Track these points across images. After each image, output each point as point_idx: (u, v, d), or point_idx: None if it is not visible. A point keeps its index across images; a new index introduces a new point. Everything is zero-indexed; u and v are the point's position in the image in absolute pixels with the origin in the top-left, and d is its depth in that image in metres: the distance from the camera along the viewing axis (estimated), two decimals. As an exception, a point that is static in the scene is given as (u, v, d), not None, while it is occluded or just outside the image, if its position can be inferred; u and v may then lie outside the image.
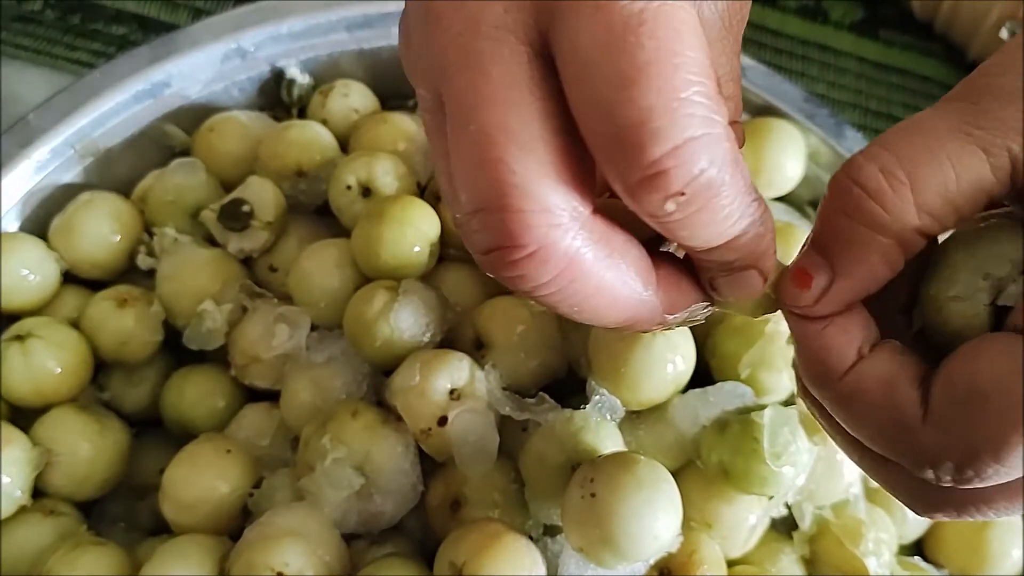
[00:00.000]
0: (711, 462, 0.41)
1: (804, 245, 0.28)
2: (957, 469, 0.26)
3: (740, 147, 0.27)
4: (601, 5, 0.23)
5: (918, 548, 0.48)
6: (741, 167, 0.25)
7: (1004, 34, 0.65)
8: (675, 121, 0.23)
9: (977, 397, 0.25)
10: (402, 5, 0.33)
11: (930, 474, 0.26)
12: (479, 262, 0.27)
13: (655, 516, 0.36)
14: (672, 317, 0.29)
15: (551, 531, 0.41)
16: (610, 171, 0.24)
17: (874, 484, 0.45)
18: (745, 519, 0.42)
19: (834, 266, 0.27)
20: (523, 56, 0.25)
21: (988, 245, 0.27)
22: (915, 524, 0.47)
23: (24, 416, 0.45)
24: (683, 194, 0.24)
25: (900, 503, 0.44)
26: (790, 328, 0.29)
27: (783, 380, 0.44)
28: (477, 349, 0.43)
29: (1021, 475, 0.26)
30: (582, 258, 0.26)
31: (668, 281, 0.29)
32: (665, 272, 0.29)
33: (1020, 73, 0.26)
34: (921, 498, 0.29)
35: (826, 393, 0.28)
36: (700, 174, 0.24)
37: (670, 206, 0.24)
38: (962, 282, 0.27)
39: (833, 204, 0.27)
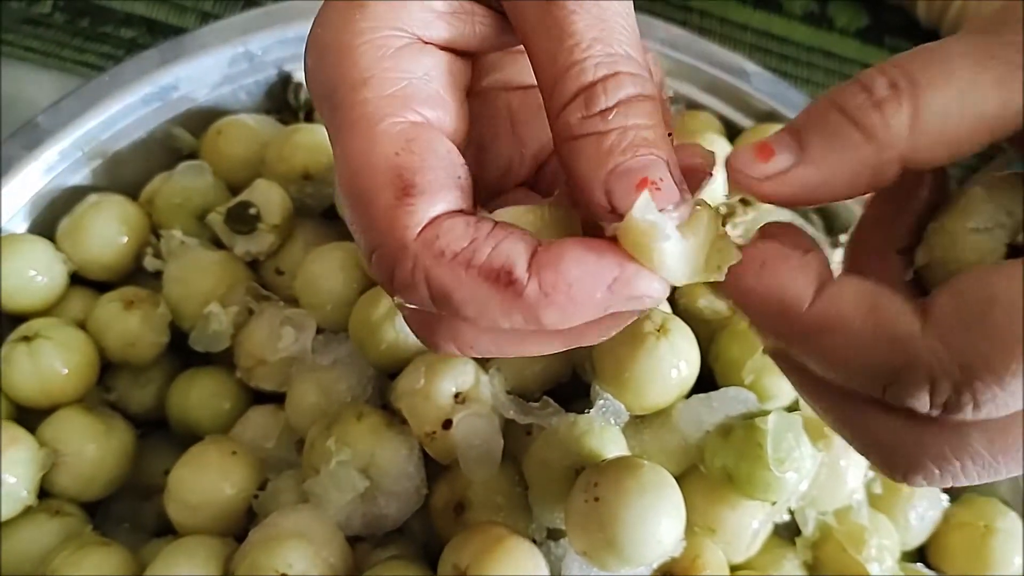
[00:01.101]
0: (715, 467, 0.41)
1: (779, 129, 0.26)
2: (955, 389, 0.24)
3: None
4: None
5: (921, 555, 0.48)
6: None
7: (1009, 42, 0.65)
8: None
9: (992, 307, 0.23)
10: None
11: (923, 399, 0.24)
12: None
13: (658, 520, 0.36)
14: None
15: (554, 535, 0.41)
16: None
17: (878, 490, 0.45)
18: (748, 524, 0.42)
19: (804, 149, 0.25)
20: None
21: (1011, 188, 0.26)
22: (918, 530, 0.47)
23: (31, 416, 0.45)
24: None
25: (900, 513, 0.45)
26: (725, 289, 0.26)
27: (787, 386, 0.44)
28: (482, 353, 0.44)
29: (1015, 409, 0.24)
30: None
31: (554, 253, 0.25)
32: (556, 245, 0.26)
33: None
34: (900, 449, 0.27)
35: (791, 330, 0.26)
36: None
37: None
38: (985, 214, 0.26)
39: (831, 98, 0.25)
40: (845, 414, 0.28)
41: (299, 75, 0.55)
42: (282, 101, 0.56)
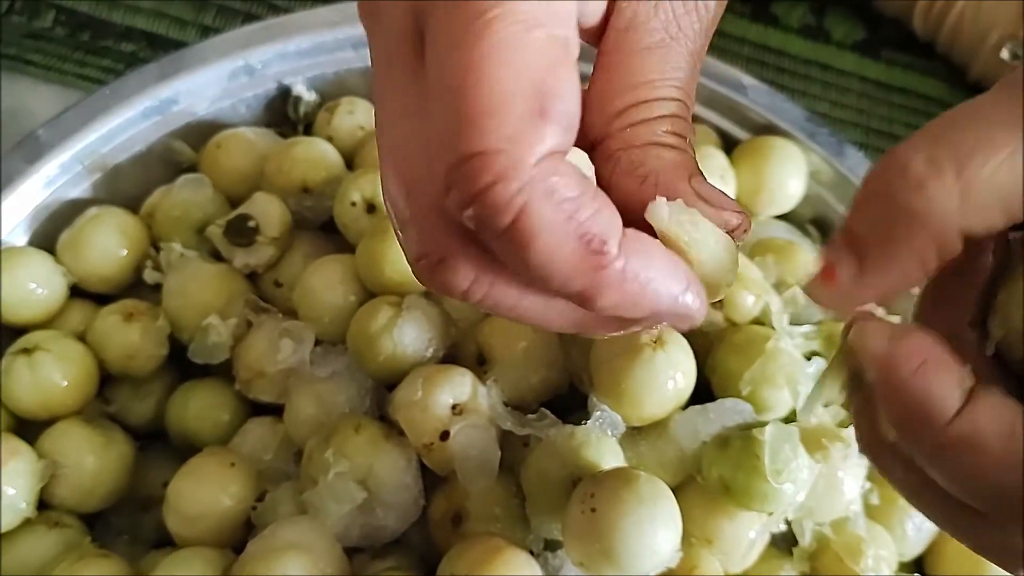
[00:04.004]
0: (712, 478, 0.41)
1: (834, 237, 0.26)
2: None
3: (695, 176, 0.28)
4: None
5: (918, 566, 0.48)
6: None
7: (1005, 54, 0.66)
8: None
9: None
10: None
11: None
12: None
13: (655, 531, 0.36)
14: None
15: (552, 546, 0.41)
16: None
17: (875, 501, 0.45)
18: (745, 535, 0.42)
19: (863, 259, 0.25)
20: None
21: None
22: (915, 541, 0.47)
23: (30, 428, 0.45)
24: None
25: (898, 524, 0.45)
26: (873, 371, 0.25)
27: (784, 397, 0.44)
28: (479, 364, 0.44)
29: None
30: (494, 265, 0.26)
31: (637, 245, 0.26)
32: (634, 235, 0.26)
33: None
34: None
35: (926, 443, 0.25)
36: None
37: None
38: None
39: (870, 194, 0.25)
40: (962, 524, 0.27)
41: (298, 88, 0.55)
42: (281, 114, 0.56)
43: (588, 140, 0.28)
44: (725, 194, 0.28)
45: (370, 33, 0.29)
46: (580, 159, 0.27)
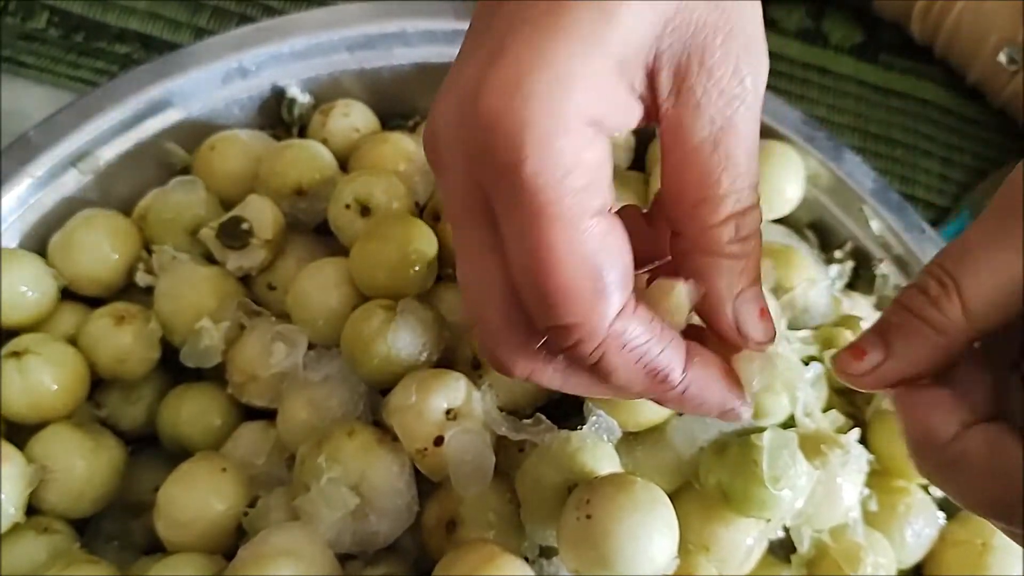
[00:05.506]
0: (709, 484, 0.41)
1: (865, 331, 0.31)
2: None
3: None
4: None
5: (917, 572, 0.48)
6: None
7: (1002, 58, 0.65)
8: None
9: None
10: (400, 24, 0.32)
11: None
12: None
13: (650, 538, 0.36)
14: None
15: (547, 553, 0.41)
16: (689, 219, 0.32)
17: (873, 508, 0.45)
18: (742, 542, 0.42)
19: (888, 347, 0.30)
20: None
21: None
22: (914, 548, 0.46)
23: (20, 433, 0.45)
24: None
25: (897, 531, 0.45)
26: (895, 403, 0.31)
27: (782, 403, 0.44)
28: (474, 369, 0.43)
29: None
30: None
31: (699, 373, 0.32)
32: (699, 362, 0.32)
33: None
34: None
35: (929, 463, 0.30)
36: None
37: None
38: None
39: (899, 302, 0.30)
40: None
41: (292, 90, 0.55)
42: (275, 116, 0.56)
43: (671, 228, 0.33)
44: (763, 320, 0.33)
45: (436, 172, 0.32)
46: None
